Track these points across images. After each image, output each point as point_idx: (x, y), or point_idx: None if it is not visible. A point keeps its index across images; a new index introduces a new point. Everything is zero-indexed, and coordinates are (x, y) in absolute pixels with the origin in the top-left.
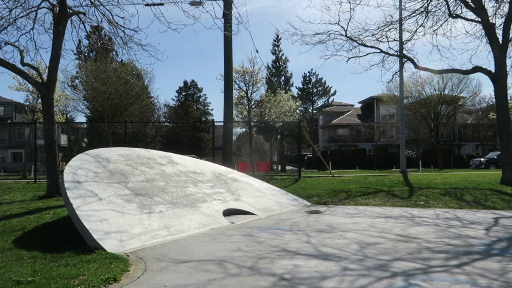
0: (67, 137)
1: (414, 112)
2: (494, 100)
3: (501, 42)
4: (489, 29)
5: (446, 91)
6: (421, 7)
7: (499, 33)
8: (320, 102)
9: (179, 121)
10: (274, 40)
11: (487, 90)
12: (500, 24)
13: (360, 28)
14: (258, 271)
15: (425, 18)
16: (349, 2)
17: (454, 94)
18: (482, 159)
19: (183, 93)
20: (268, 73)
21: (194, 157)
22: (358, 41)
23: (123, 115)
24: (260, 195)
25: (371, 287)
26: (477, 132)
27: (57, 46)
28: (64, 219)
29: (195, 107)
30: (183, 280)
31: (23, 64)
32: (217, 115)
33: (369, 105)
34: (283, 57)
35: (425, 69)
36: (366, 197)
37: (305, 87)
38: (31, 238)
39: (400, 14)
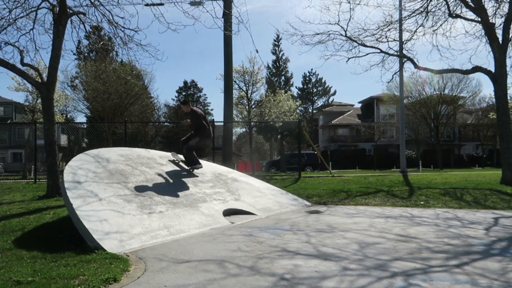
0: (67, 137)
1: (414, 112)
2: (494, 100)
3: (501, 42)
4: (489, 29)
5: (446, 91)
6: (421, 7)
7: (499, 33)
8: (320, 102)
9: (179, 121)
10: (275, 40)
11: (487, 90)
12: (500, 24)
13: (360, 28)
14: (258, 271)
15: (425, 18)
16: (349, 2)
17: (454, 94)
18: (263, 162)
19: (183, 93)
20: (268, 73)
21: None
22: (358, 41)
23: (123, 115)
24: (260, 195)
25: (371, 287)
26: (477, 132)
27: (57, 46)
28: (64, 219)
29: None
30: (183, 280)
31: (23, 64)
32: (217, 115)
33: (369, 105)
34: (284, 57)
35: (425, 69)
36: (366, 197)
37: (305, 87)
38: (31, 238)
39: (400, 14)
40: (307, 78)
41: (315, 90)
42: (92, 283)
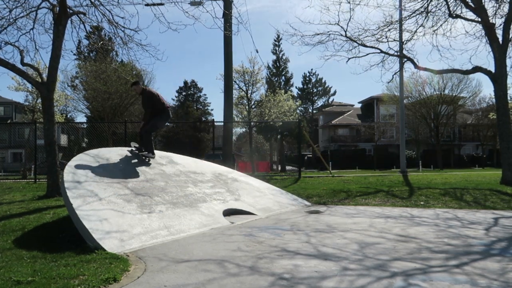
0: (67, 137)
1: (414, 112)
2: (494, 100)
3: (501, 42)
4: (489, 29)
5: (446, 91)
6: (421, 7)
7: (499, 33)
8: (320, 102)
9: (179, 121)
10: (275, 40)
11: (487, 90)
12: (500, 24)
13: (360, 28)
14: (258, 270)
15: (425, 18)
16: (349, 3)
17: (454, 94)
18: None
19: (183, 93)
20: (268, 73)
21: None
22: (358, 41)
23: (123, 115)
24: (260, 195)
25: (370, 287)
26: (477, 132)
27: (57, 46)
28: (64, 219)
29: (195, 107)
30: (183, 280)
31: (23, 64)
32: (217, 115)
33: (369, 105)
34: (284, 57)
35: (425, 69)
36: (366, 197)
37: (305, 87)
38: (31, 238)
39: (400, 14)
40: (307, 78)
41: (315, 90)
42: (92, 283)
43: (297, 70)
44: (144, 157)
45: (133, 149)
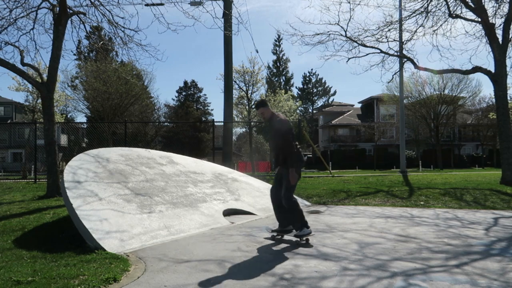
0: (67, 137)
1: (414, 112)
2: (494, 100)
3: (501, 42)
4: (489, 29)
5: (446, 91)
6: (421, 7)
7: (499, 33)
8: (320, 102)
9: (179, 121)
10: (275, 40)
11: (487, 90)
12: (500, 24)
13: (360, 29)
14: (258, 271)
15: (425, 18)
16: (349, 3)
17: (454, 94)
18: None
19: (183, 93)
20: (268, 73)
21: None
22: (358, 42)
23: (123, 115)
24: (260, 195)
25: (370, 287)
26: (477, 132)
27: (57, 46)
28: (64, 219)
29: (195, 107)
30: (183, 280)
31: (23, 64)
32: (217, 115)
33: (369, 105)
34: (284, 57)
35: (425, 69)
36: (366, 197)
37: (305, 87)
38: (31, 238)
39: (400, 14)
40: (307, 78)
41: (315, 90)
42: (92, 283)
43: (297, 70)
44: (297, 237)
45: (274, 234)
